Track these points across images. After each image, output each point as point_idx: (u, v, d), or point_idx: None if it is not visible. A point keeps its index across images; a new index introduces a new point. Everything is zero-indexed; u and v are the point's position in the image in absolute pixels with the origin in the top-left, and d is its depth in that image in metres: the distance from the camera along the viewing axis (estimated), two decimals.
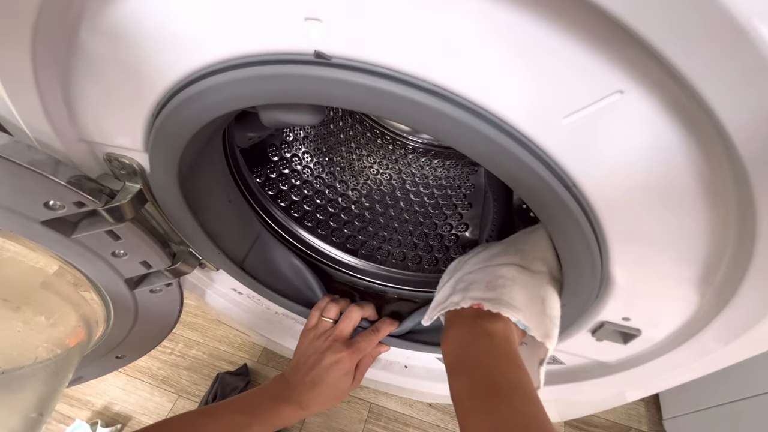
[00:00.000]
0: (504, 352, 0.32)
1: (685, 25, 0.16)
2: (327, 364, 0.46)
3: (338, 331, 0.49)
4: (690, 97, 0.18)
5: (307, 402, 0.45)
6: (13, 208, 0.34)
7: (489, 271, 0.39)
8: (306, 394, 0.45)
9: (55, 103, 0.30)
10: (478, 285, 0.38)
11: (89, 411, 0.87)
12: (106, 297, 0.47)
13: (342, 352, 0.47)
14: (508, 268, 0.38)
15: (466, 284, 0.39)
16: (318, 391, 0.45)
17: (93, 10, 0.25)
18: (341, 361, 0.46)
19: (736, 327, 0.30)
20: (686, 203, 0.24)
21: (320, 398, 0.45)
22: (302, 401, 0.45)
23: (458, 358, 0.34)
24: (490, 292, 0.36)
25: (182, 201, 0.38)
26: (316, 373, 0.46)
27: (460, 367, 0.33)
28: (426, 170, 0.79)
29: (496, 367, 0.31)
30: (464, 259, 0.45)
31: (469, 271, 0.41)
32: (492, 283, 0.37)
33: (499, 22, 0.19)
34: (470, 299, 0.36)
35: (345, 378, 0.47)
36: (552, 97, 0.21)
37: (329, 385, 0.46)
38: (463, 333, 0.35)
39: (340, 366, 0.46)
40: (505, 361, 0.31)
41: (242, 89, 0.24)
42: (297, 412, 0.44)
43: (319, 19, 0.21)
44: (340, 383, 0.46)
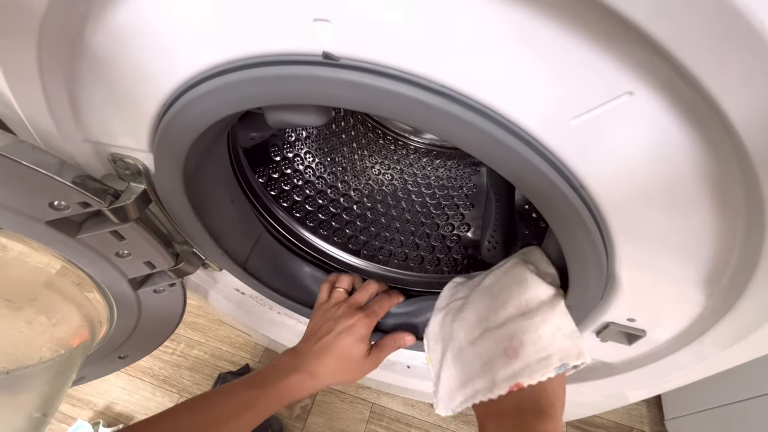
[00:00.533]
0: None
1: (694, 23, 0.16)
2: (339, 329, 0.43)
3: (353, 299, 0.47)
4: (699, 96, 0.18)
5: (317, 370, 0.42)
6: (18, 208, 0.34)
7: (495, 336, 0.35)
8: (315, 362, 0.42)
9: (60, 103, 0.30)
10: (497, 359, 0.34)
11: (91, 411, 0.87)
12: (110, 297, 0.47)
13: (356, 315, 0.44)
14: (513, 324, 0.35)
15: (481, 361, 0.35)
16: (328, 358, 0.42)
17: (98, 10, 0.24)
18: (353, 327, 0.43)
19: (740, 329, 0.30)
20: (694, 204, 0.24)
21: (330, 366, 0.42)
22: (311, 370, 0.42)
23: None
24: (516, 362, 0.33)
25: (186, 201, 0.38)
26: (327, 340, 0.43)
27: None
28: (428, 170, 0.79)
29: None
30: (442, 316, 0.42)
31: (471, 342, 0.37)
32: (509, 348, 0.34)
33: (509, 24, 0.19)
34: (505, 382, 0.33)
35: (357, 345, 0.43)
36: (561, 98, 0.21)
37: (339, 351, 0.43)
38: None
39: (352, 330, 0.43)
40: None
41: (250, 90, 0.24)
42: (306, 382, 0.41)
43: (328, 20, 0.21)
44: (351, 350, 0.43)
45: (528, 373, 0.32)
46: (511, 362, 0.33)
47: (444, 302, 0.45)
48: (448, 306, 0.43)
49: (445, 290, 0.46)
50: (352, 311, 0.45)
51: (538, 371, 0.32)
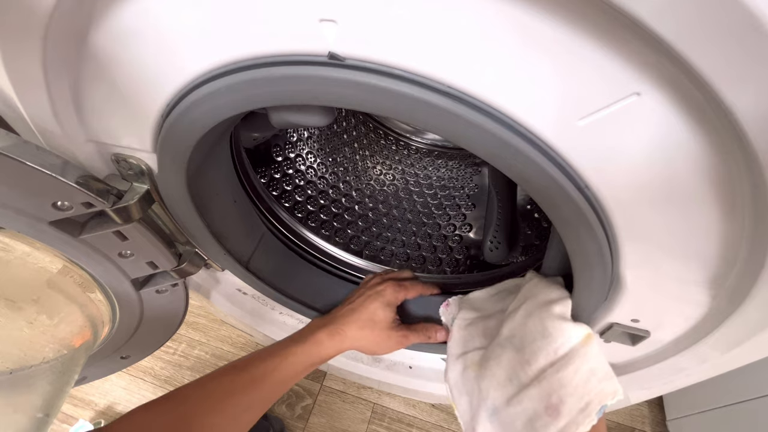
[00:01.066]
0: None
1: (701, 21, 0.16)
2: (369, 293, 0.47)
3: (389, 274, 0.51)
4: (706, 96, 0.18)
5: (343, 328, 0.45)
6: (22, 208, 0.34)
7: (531, 394, 0.34)
8: (342, 320, 0.45)
9: (63, 103, 0.30)
10: (539, 419, 0.33)
11: (92, 411, 0.87)
12: (112, 297, 0.47)
13: (385, 283, 0.48)
14: (547, 379, 0.34)
15: (522, 423, 0.34)
16: (354, 317, 0.45)
17: (103, 11, 0.24)
18: (382, 291, 0.47)
19: (745, 331, 0.30)
20: (700, 204, 0.24)
21: (355, 326, 0.45)
22: (338, 327, 0.44)
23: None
24: (560, 420, 0.32)
25: (189, 201, 0.38)
26: (356, 302, 0.47)
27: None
28: (429, 170, 0.79)
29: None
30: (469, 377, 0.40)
31: (506, 402, 0.35)
32: (549, 407, 0.33)
33: (516, 24, 0.19)
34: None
35: (383, 309, 0.46)
36: (568, 99, 0.21)
37: (365, 312, 0.46)
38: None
39: (380, 294, 0.46)
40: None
41: (255, 90, 0.24)
42: (333, 338, 0.44)
43: (334, 21, 0.21)
44: (377, 313, 0.46)
45: (573, 428, 0.32)
46: (555, 421, 0.32)
47: (459, 349, 0.43)
48: (465, 356, 0.42)
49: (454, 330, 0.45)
50: (384, 280, 0.49)
51: (582, 423, 0.31)
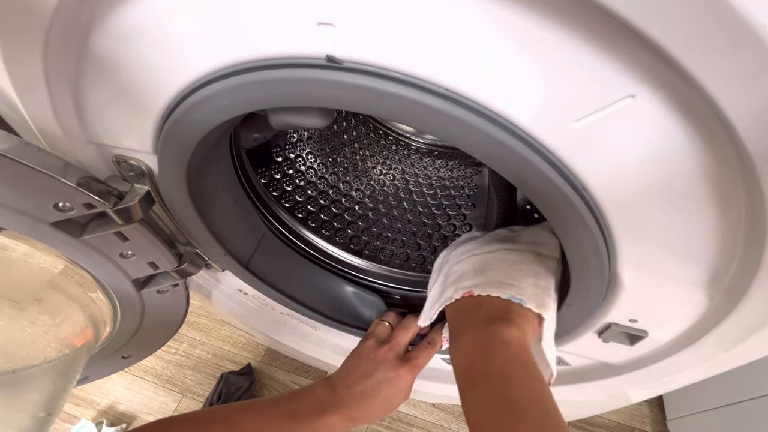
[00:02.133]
0: (521, 363, 0.30)
1: (692, 24, 0.16)
2: (381, 378, 0.43)
3: (395, 341, 0.46)
4: (699, 98, 0.19)
5: (357, 415, 0.42)
6: (23, 209, 0.34)
7: (476, 259, 0.39)
8: (355, 407, 0.42)
9: (64, 105, 0.30)
10: (467, 274, 0.38)
11: (94, 410, 0.88)
12: (114, 297, 0.47)
13: (400, 369, 0.43)
14: (494, 254, 0.38)
15: (456, 276, 0.39)
16: (368, 404, 0.42)
17: (104, 12, 0.25)
18: (398, 379, 0.43)
19: (742, 331, 0.30)
20: (695, 204, 0.24)
21: (370, 412, 0.42)
22: (351, 414, 0.41)
23: (471, 369, 0.32)
24: (480, 277, 0.37)
25: (190, 202, 0.39)
26: (369, 386, 0.42)
27: (474, 380, 0.31)
28: (429, 171, 0.80)
29: (513, 380, 0.29)
30: (449, 252, 0.45)
31: (456, 262, 0.41)
32: (480, 269, 0.38)
33: (511, 26, 0.19)
34: (461, 289, 0.37)
35: (400, 395, 0.43)
36: (564, 101, 0.21)
37: (382, 400, 0.42)
38: (475, 341, 0.33)
39: (397, 383, 0.43)
40: (522, 374, 0.30)
41: (254, 93, 0.24)
42: (345, 424, 0.41)
43: (331, 24, 0.21)
44: (394, 399, 0.43)
45: (483, 288, 0.35)
46: (477, 277, 0.37)
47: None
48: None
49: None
50: (396, 361, 0.44)
51: (492, 290, 0.34)
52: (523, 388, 0.29)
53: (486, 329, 0.33)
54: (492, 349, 0.31)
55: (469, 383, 0.31)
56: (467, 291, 0.36)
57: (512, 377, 0.30)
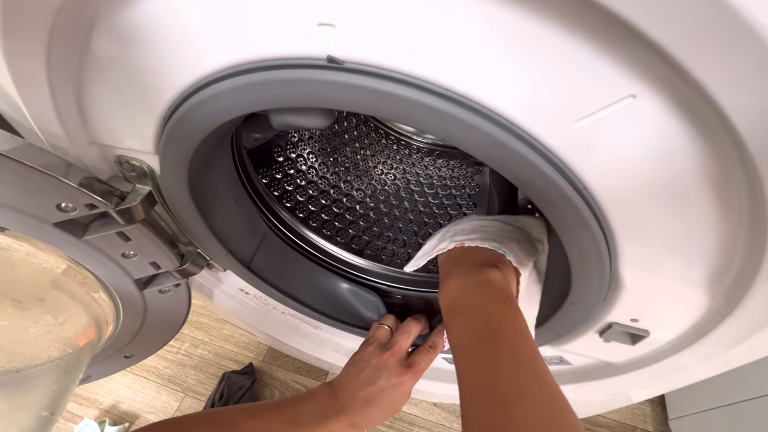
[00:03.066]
0: (501, 296, 0.33)
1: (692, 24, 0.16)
2: (384, 385, 0.43)
3: (396, 346, 0.46)
4: (700, 97, 0.19)
5: (359, 422, 0.42)
6: (26, 210, 0.34)
7: (473, 223, 0.44)
8: (358, 413, 0.42)
9: (67, 106, 0.31)
10: (462, 231, 0.43)
11: (97, 410, 0.88)
12: (116, 297, 0.47)
13: (403, 376, 0.44)
14: (490, 222, 0.44)
15: (452, 234, 0.44)
16: (372, 412, 0.42)
17: (107, 13, 0.25)
18: (401, 385, 0.43)
19: (744, 330, 0.30)
20: (697, 204, 0.24)
21: (373, 419, 0.42)
22: (353, 420, 0.41)
23: (456, 302, 0.34)
24: (471, 234, 0.41)
25: (191, 202, 0.39)
26: (371, 393, 0.42)
27: (458, 312, 0.33)
28: (430, 170, 0.80)
29: (492, 309, 0.32)
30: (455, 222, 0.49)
31: (455, 224, 0.46)
32: (475, 229, 0.42)
33: (512, 27, 0.19)
34: (454, 242, 0.41)
35: (403, 400, 0.44)
36: (565, 101, 0.21)
37: (385, 406, 0.43)
38: (461, 281, 0.36)
39: (400, 389, 0.43)
40: (500, 304, 0.32)
41: (255, 93, 0.24)
42: (346, 430, 0.41)
43: (332, 25, 0.21)
44: (397, 405, 0.44)
45: (471, 240, 0.40)
46: (470, 234, 0.41)
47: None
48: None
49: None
50: (399, 367, 0.44)
51: (479, 242, 0.39)
52: (501, 316, 0.31)
53: (472, 271, 0.36)
54: (476, 286, 0.34)
55: (453, 314, 0.34)
56: (459, 243, 0.40)
57: (491, 308, 0.32)
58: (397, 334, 0.47)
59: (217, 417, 0.37)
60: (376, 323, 0.51)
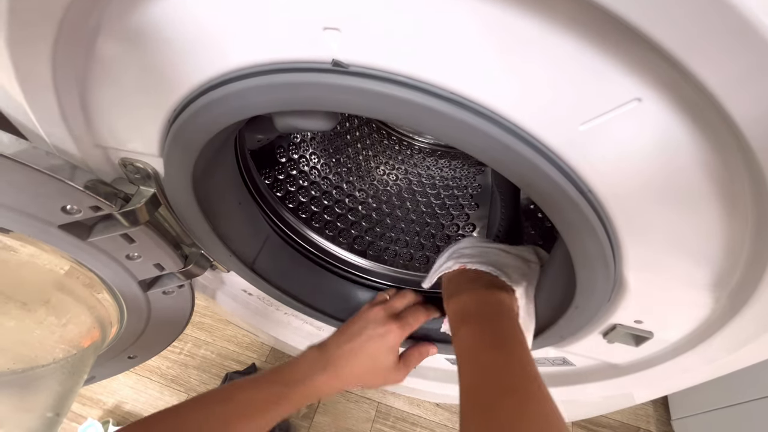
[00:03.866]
0: (508, 314, 0.37)
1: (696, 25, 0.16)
2: (370, 334, 0.43)
3: (389, 303, 0.47)
4: (704, 99, 0.18)
5: (343, 374, 0.41)
6: (32, 212, 0.34)
7: (477, 248, 0.47)
8: (342, 363, 0.42)
9: (72, 109, 0.31)
10: (467, 255, 0.46)
11: (101, 410, 0.88)
12: (120, 298, 0.48)
13: (389, 325, 0.43)
14: (493, 248, 0.47)
15: (459, 255, 0.47)
16: (357, 362, 0.42)
17: (113, 16, 0.25)
18: (386, 335, 0.43)
19: (749, 332, 0.30)
20: (701, 206, 0.24)
21: (359, 372, 0.42)
22: (337, 371, 0.41)
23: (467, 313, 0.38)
24: (473, 258, 0.45)
25: (195, 204, 0.39)
26: (356, 342, 0.43)
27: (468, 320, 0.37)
28: (432, 171, 0.80)
29: (501, 323, 0.36)
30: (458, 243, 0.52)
31: (462, 247, 0.49)
32: (478, 254, 0.46)
33: (517, 31, 0.19)
34: (459, 263, 0.45)
35: (386, 354, 0.43)
36: (570, 105, 0.21)
37: (368, 356, 0.42)
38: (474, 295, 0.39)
39: (385, 339, 0.43)
40: (508, 320, 0.36)
41: (261, 96, 0.24)
42: (332, 382, 0.41)
43: (337, 29, 0.21)
44: (380, 358, 0.43)
45: (474, 263, 0.44)
46: (473, 258, 0.45)
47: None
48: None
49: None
50: (387, 318, 0.45)
51: (481, 266, 0.43)
52: (507, 329, 0.35)
53: (485, 290, 0.40)
54: (487, 301, 0.38)
55: (463, 321, 0.37)
56: (462, 265, 0.45)
57: (500, 321, 0.36)
58: (393, 297, 0.50)
59: (212, 394, 0.38)
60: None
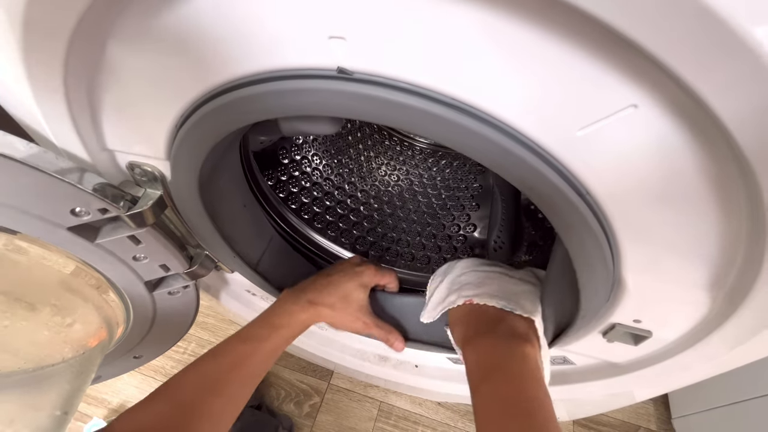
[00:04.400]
0: (536, 375, 0.34)
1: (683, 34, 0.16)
2: (346, 269, 0.48)
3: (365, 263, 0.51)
4: (696, 104, 0.19)
5: (317, 300, 0.45)
6: (42, 214, 0.35)
7: (477, 274, 0.45)
8: (317, 292, 0.45)
9: (82, 114, 0.31)
10: (469, 285, 0.44)
11: (106, 409, 0.89)
12: (126, 299, 0.48)
13: (364, 265, 0.48)
14: (493, 273, 0.45)
15: (459, 285, 0.45)
16: (329, 290, 0.45)
17: (124, 24, 0.25)
18: (361, 273, 0.47)
19: (747, 330, 0.31)
20: (697, 207, 0.24)
21: (328, 299, 0.45)
22: (312, 298, 0.45)
23: (490, 367, 0.35)
24: (480, 289, 0.42)
25: (201, 206, 0.39)
26: (333, 277, 0.47)
27: (490, 377, 0.34)
28: (433, 171, 0.80)
29: (527, 386, 0.33)
30: (453, 264, 0.50)
31: (460, 274, 0.46)
32: (481, 282, 0.44)
33: (518, 41, 0.20)
34: (463, 297, 0.42)
35: (359, 290, 0.47)
36: (569, 111, 0.22)
37: (342, 288, 0.46)
38: (495, 346, 0.36)
39: (359, 275, 0.47)
40: (535, 383, 0.33)
41: (267, 102, 0.25)
42: (309, 310, 0.44)
43: (343, 38, 0.22)
44: (353, 293, 0.46)
45: (480, 297, 0.41)
46: (477, 288, 0.43)
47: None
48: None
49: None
50: (363, 261, 0.49)
51: (487, 299, 0.40)
52: (534, 395, 0.32)
53: (505, 341, 0.36)
54: (511, 355, 0.35)
55: (485, 376, 0.34)
56: (468, 299, 0.42)
57: (527, 384, 0.33)
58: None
59: (206, 354, 0.42)
60: None
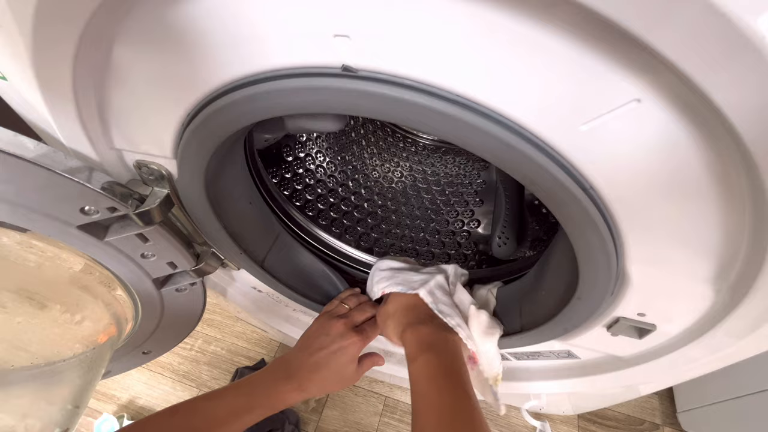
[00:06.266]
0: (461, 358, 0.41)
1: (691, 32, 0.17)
2: (334, 348, 0.46)
3: (351, 317, 0.50)
4: (699, 99, 0.19)
5: (308, 386, 0.44)
6: (52, 213, 0.35)
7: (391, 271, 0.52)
8: (307, 377, 0.45)
9: (90, 114, 0.32)
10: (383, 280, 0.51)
11: (115, 405, 0.91)
12: (135, 296, 0.49)
13: (350, 338, 0.47)
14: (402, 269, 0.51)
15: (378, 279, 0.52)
16: (321, 375, 0.45)
17: (131, 26, 0.26)
18: (349, 347, 0.47)
19: (751, 322, 0.31)
20: (700, 200, 0.24)
21: (322, 383, 0.45)
22: (302, 384, 0.44)
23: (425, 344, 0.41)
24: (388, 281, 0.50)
25: (207, 204, 0.40)
26: (321, 356, 0.46)
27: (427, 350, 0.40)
28: (437, 167, 0.80)
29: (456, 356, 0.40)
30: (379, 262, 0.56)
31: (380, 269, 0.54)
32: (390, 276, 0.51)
33: (521, 37, 0.20)
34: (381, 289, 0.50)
35: (348, 365, 0.47)
36: (572, 106, 0.22)
37: (333, 370, 0.46)
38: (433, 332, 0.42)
39: (346, 351, 0.47)
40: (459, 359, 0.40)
41: (273, 100, 0.25)
42: (295, 393, 0.44)
43: (347, 36, 0.22)
44: (344, 369, 0.47)
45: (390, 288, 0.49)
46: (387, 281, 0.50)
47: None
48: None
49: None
50: (348, 332, 0.48)
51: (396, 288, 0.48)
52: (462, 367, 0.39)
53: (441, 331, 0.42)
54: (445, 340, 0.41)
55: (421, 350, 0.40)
56: (382, 290, 0.50)
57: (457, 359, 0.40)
58: (354, 310, 0.52)
59: (180, 406, 0.40)
60: (337, 300, 0.55)
